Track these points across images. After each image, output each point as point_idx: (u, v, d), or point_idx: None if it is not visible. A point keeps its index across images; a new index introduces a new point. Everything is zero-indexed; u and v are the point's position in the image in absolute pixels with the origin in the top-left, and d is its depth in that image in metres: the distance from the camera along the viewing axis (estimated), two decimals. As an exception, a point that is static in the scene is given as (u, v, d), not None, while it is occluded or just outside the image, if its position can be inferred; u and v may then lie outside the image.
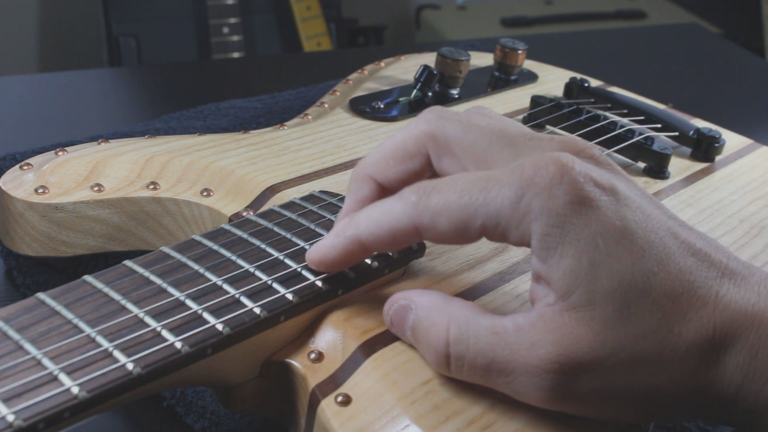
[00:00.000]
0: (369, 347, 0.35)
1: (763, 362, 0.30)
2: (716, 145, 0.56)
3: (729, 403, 0.31)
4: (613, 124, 0.56)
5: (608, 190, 0.31)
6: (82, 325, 0.31)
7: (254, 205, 0.45)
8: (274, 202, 0.44)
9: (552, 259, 0.30)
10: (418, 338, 0.33)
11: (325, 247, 0.35)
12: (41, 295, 0.33)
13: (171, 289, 0.34)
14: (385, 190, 0.36)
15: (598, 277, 0.30)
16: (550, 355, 0.30)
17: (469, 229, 0.32)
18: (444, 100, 0.60)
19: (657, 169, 0.54)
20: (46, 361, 0.29)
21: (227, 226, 0.39)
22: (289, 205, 0.42)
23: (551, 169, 0.30)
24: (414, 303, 0.33)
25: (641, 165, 0.55)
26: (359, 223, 0.34)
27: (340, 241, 0.35)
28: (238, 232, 0.39)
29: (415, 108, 0.58)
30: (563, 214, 0.30)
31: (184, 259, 0.36)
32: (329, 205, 0.42)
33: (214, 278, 0.35)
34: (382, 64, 0.66)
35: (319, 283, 0.36)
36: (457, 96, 0.60)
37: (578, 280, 0.30)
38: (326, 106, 0.57)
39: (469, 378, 0.32)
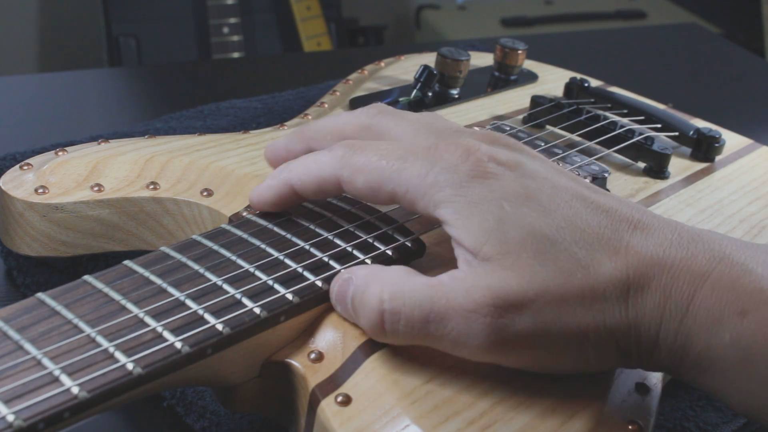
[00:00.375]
0: (369, 347, 0.35)
1: (676, 301, 0.33)
2: (716, 145, 0.56)
3: (653, 346, 0.33)
4: (613, 124, 0.56)
5: (512, 166, 0.35)
6: (82, 325, 0.31)
7: (254, 205, 0.45)
8: (274, 202, 0.44)
9: (459, 222, 0.33)
10: (356, 306, 0.34)
11: (261, 188, 0.39)
12: (41, 295, 0.33)
13: (171, 289, 0.34)
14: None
15: (507, 230, 0.33)
16: (485, 298, 0.32)
17: (381, 191, 0.36)
18: (444, 100, 0.60)
19: (657, 169, 0.54)
20: (46, 361, 0.29)
21: (227, 226, 0.39)
22: (289, 205, 0.42)
23: (459, 150, 0.35)
24: (353, 274, 0.35)
25: (641, 165, 0.54)
26: (292, 168, 0.38)
27: (274, 183, 0.39)
28: (238, 232, 0.39)
29: (415, 108, 0.58)
30: (466, 185, 0.34)
31: (184, 259, 0.36)
32: (329, 204, 0.42)
33: (214, 278, 0.35)
34: (382, 64, 0.66)
35: (319, 283, 0.36)
36: (457, 96, 0.60)
37: (488, 234, 0.33)
38: (326, 106, 0.57)
39: (404, 338, 0.33)
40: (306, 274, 0.36)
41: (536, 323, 0.32)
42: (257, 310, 0.34)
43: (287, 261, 0.37)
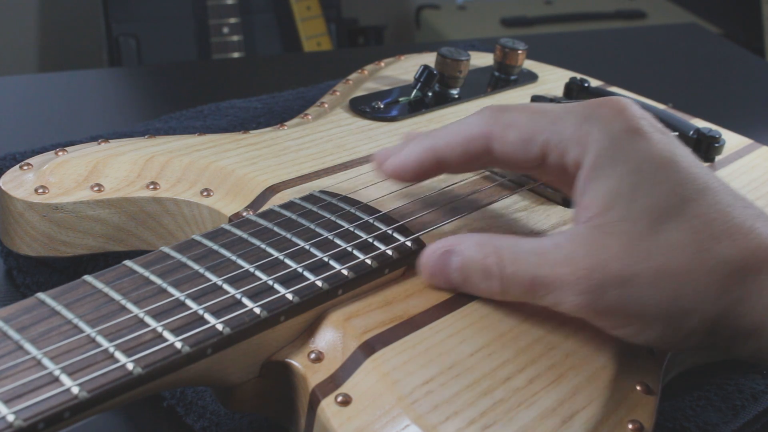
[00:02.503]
0: (369, 347, 0.35)
1: None
2: (716, 145, 0.56)
3: (746, 334, 0.33)
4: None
5: (661, 130, 0.35)
6: (82, 325, 0.31)
7: (254, 205, 0.45)
8: (274, 202, 0.44)
9: (599, 179, 0.34)
10: (468, 275, 0.36)
11: (400, 157, 0.38)
12: (41, 295, 0.33)
13: (171, 289, 0.34)
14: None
15: (637, 197, 0.33)
16: (584, 265, 0.33)
17: (533, 143, 0.36)
18: (444, 100, 0.60)
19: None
20: (46, 361, 0.29)
21: (227, 226, 0.39)
22: (289, 205, 0.42)
23: (613, 105, 0.36)
24: (455, 246, 0.36)
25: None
26: (437, 134, 0.38)
27: (416, 150, 0.38)
28: (238, 232, 0.39)
29: (415, 108, 0.58)
30: (618, 138, 0.34)
31: (184, 259, 0.36)
32: (329, 205, 0.42)
33: (214, 278, 0.35)
34: (382, 64, 0.66)
35: (319, 283, 0.36)
36: (457, 96, 0.60)
37: (619, 198, 0.33)
38: (326, 106, 0.57)
39: (518, 296, 0.36)
40: (306, 274, 0.36)
41: (632, 292, 0.33)
42: (257, 310, 0.34)
43: (287, 261, 0.37)
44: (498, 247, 0.36)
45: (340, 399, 0.33)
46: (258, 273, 0.36)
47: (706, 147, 0.56)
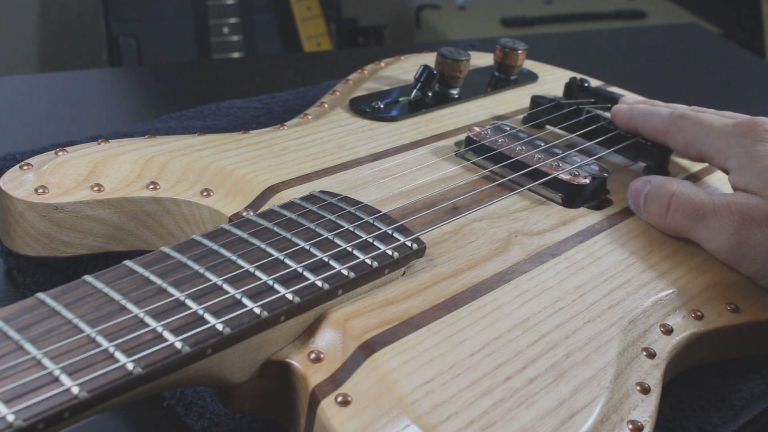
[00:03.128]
0: (369, 347, 0.35)
1: None
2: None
3: None
4: (613, 124, 0.56)
5: None
6: (82, 325, 0.31)
7: (254, 205, 0.45)
8: (274, 202, 0.44)
9: (738, 170, 0.46)
10: (648, 199, 0.47)
11: (622, 108, 0.55)
12: (41, 295, 0.33)
13: (171, 289, 0.34)
14: None
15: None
16: (738, 208, 0.43)
17: (693, 148, 0.49)
18: (444, 100, 0.60)
19: (657, 168, 0.54)
20: (46, 361, 0.29)
21: (227, 226, 0.39)
22: (289, 205, 0.42)
23: (746, 123, 0.47)
24: (652, 178, 0.48)
25: (641, 164, 0.55)
26: (642, 114, 0.53)
27: (628, 113, 0.54)
28: (238, 232, 0.39)
29: (415, 108, 0.58)
30: (748, 145, 0.46)
31: (184, 259, 0.36)
32: (329, 205, 0.42)
33: (214, 278, 0.35)
34: (382, 64, 0.66)
35: (319, 283, 0.36)
36: (457, 96, 0.60)
37: (755, 177, 0.45)
38: (326, 106, 0.57)
39: (678, 220, 0.46)
40: (306, 274, 0.36)
41: None
42: (257, 310, 0.34)
43: (287, 261, 0.37)
44: (680, 182, 0.47)
45: (339, 399, 0.33)
46: (258, 273, 0.36)
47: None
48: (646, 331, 0.40)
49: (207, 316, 0.33)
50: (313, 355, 0.36)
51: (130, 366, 0.30)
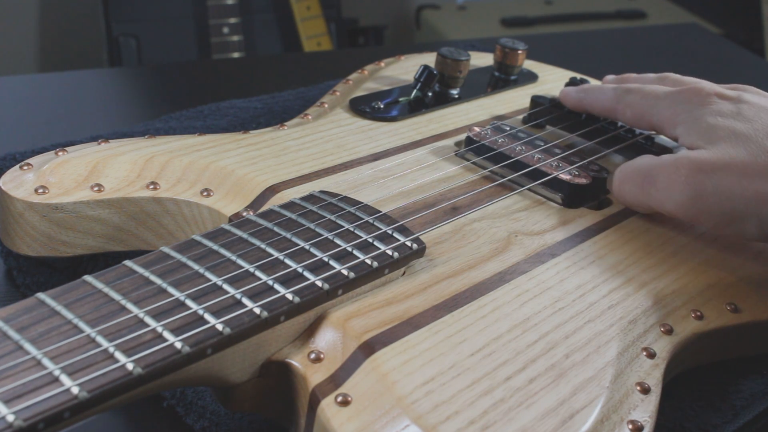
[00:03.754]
0: (369, 347, 0.35)
1: None
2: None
3: None
4: (613, 124, 0.56)
5: (731, 98, 0.47)
6: (82, 325, 0.31)
7: (254, 205, 0.45)
8: (274, 202, 0.44)
9: (686, 134, 0.46)
10: (614, 183, 0.48)
11: (570, 91, 0.56)
12: (41, 295, 0.33)
13: (171, 289, 0.34)
14: None
15: (715, 131, 0.45)
16: (684, 161, 0.44)
17: (643, 120, 0.50)
18: (444, 100, 0.60)
19: (657, 169, 0.54)
20: (46, 361, 0.29)
21: (227, 226, 0.39)
22: (289, 206, 0.42)
23: (693, 91, 0.48)
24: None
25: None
26: (588, 93, 0.55)
27: (574, 95, 0.56)
28: (238, 232, 0.39)
29: (415, 108, 0.58)
30: (695, 111, 0.47)
31: (184, 259, 0.36)
32: (329, 205, 0.42)
33: (214, 278, 0.35)
34: (382, 64, 0.66)
35: (319, 283, 0.36)
36: (457, 96, 0.60)
37: (701, 135, 0.45)
38: (326, 106, 0.57)
39: (634, 192, 0.46)
40: (306, 274, 0.36)
41: (723, 185, 0.42)
42: (257, 310, 0.34)
43: (287, 261, 0.37)
44: (630, 163, 0.47)
45: (339, 399, 0.33)
46: (258, 273, 0.36)
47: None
48: (646, 331, 0.40)
49: (207, 316, 0.33)
50: (313, 355, 0.36)
51: (130, 366, 0.30)
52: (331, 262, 0.37)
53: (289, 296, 0.35)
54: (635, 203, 0.47)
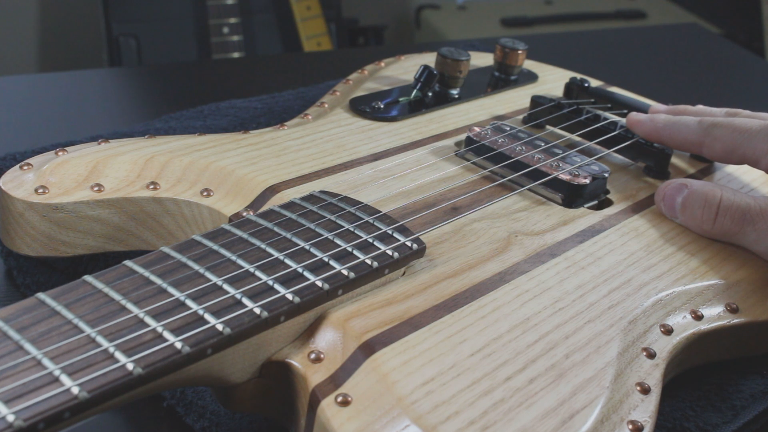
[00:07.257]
0: (369, 347, 0.35)
1: None
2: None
3: None
4: (613, 124, 0.56)
5: None
6: (82, 325, 0.31)
7: (254, 205, 0.45)
8: (274, 202, 0.44)
9: None
10: (690, 203, 0.47)
11: (642, 118, 0.54)
12: (41, 295, 0.33)
13: (171, 289, 0.34)
14: None
15: None
16: None
17: (734, 154, 0.50)
18: (444, 100, 0.60)
19: (657, 168, 0.54)
20: (46, 362, 0.29)
21: (227, 226, 0.39)
22: (289, 206, 0.42)
23: None
24: (688, 183, 0.48)
25: (641, 165, 0.55)
26: (667, 126, 0.53)
27: (648, 125, 0.53)
28: (238, 232, 0.39)
29: (415, 108, 0.58)
30: None
31: (184, 259, 0.36)
32: (329, 205, 0.42)
33: (214, 278, 0.35)
34: (382, 64, 0.66)
35: (319, 284, 0.36)
36: (457, 96, 0.60)
37: None
38: (326, 106, 0.57)
39: (726, 228, 0.46)
40: (306, 274, 0.36)
41: None
42: (257, 310, 0.34)
43: (287, 261, 0.37)
44: (721, 187, 0.48)
45: (339, 399, 0.33)
46: (258, 273, 0.36)
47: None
48: (646, 331, 0.40)
49: (207, 316, 0.33)
50: (313, 355, 0.36)
51: (130, 366, 0.30)
52: (332, 263, 0.37)
53: (289, 296, 0.35)
54: (720, 235, 0.47)
